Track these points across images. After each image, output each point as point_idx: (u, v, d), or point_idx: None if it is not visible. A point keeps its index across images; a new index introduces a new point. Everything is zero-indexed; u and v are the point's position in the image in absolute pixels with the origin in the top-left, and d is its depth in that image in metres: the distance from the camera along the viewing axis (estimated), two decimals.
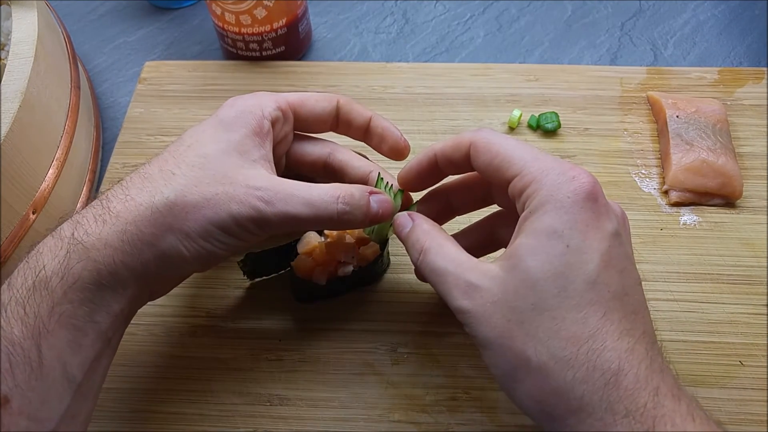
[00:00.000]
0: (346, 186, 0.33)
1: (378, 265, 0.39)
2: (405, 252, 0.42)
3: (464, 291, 0.28)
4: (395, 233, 0.34)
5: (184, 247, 0.30)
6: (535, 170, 0.28)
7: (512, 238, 0.29)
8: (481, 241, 0.36)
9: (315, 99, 0.36)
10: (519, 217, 0.29)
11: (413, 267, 0.32)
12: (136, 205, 0.29)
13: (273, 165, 0.33)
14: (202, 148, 0.32)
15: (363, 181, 0.36)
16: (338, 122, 0.37)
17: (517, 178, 0.29)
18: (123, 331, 0.31)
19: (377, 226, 0.37)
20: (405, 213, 0.33)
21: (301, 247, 0.37)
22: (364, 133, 0.38)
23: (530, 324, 0.26)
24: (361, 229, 0.37)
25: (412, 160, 0.35)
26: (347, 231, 0.37)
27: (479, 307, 0.27)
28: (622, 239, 0.28)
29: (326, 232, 0.37)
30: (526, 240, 0.27)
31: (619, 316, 0.26)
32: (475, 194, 0.35)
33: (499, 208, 0.35)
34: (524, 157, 0.29)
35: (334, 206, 0.31)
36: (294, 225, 0.31)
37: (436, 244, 0.30)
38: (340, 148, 0.38)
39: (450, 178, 0.36)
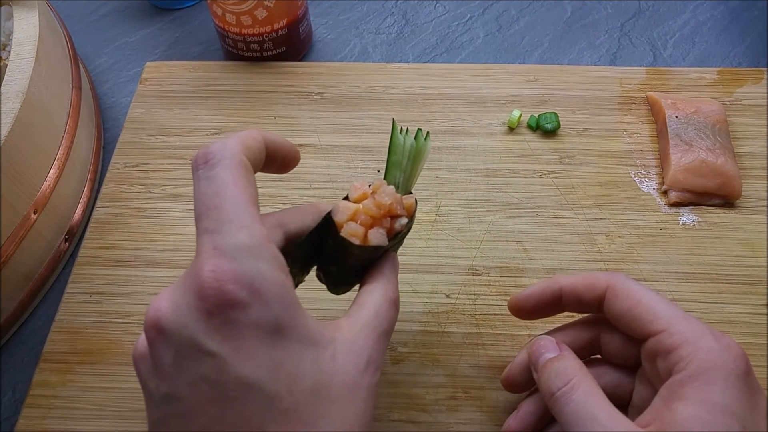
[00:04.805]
0: (384, 283, 0.29)
1: (414, 220, 0.33)
2: (406, 252, 0.43)
3: None
4: (531, 355, 0.31)
5: None
6: (686, 331, 0.27)
7: (660, 398, 0.27)
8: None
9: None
10: (646, 370, 0.29)
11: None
12: None
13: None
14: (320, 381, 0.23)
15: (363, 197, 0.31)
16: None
17: (665, 335, 0.27)
18: None
19: (405, 175, 0.32)
20: (550, 338, 0.31)
21: (342, 216, 0.30)
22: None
23: None
24: (386, 183, 0.32)
25: (531, 286, 0.33)
26: (374, 187, 0.31)
27: None
28: None
29: (351, 195, 0.31)
30: (695, 413, 0.25)
31: None
32: (581, 340, 0.32)
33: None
34: (670, 313, 0.28)
35: (396, 308, 0.29)
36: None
37: (589, 384, 0.27)
38: (320, 203, 0.32)
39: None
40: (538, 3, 0.60)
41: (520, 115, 0.48)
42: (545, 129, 0.48)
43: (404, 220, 0.30)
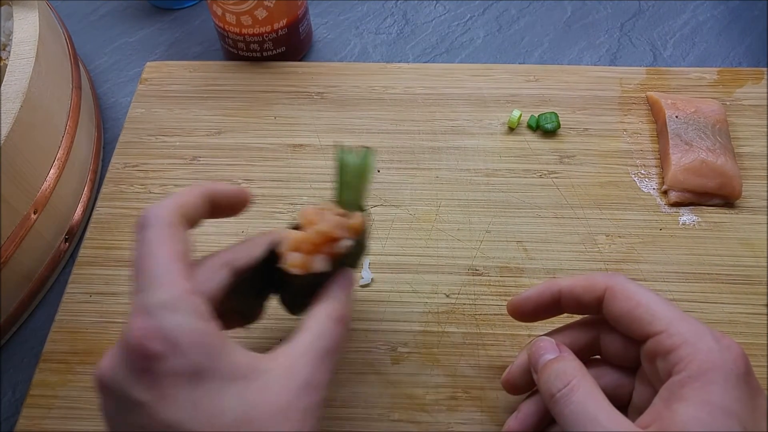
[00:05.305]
0: (329, 302, 0.29)
1: (366, 235, 0.33)
2: (406, 252, 0.43)
3: None
4: (531, 356, 0.31)
5: None
6: (686, 331, 0.27)
7: (660, 399, 0.27)
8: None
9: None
10: (646, 371, 0.29)
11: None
12: None
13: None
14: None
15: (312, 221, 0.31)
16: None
17: (664, 336, 0.27)
18: None
19: (353, 194, 0.32)
20: (550, 339, 0.31)
21: (286, 247, 0.30)
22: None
23: None
24: (334, 204, 0.32)
25: (529, 289, 0.33)
26: (324, 209, 0.31)
27: None
28: None
29: (301, 223, 0.31)
30: (695, 413, 0.25)
31: None
32: (580, 341, 0.32)
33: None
34: (669, 314, 0.28)
35: (342, 324, 0.29)
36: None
37: (588, 385, 0.28)
38: (274, 232, 0.32)
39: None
40: (538, 3, 0.60)
41: (520, 115, 0.48)
42: (545, 129, 0.48)
43: (347, 242, 0.31)
